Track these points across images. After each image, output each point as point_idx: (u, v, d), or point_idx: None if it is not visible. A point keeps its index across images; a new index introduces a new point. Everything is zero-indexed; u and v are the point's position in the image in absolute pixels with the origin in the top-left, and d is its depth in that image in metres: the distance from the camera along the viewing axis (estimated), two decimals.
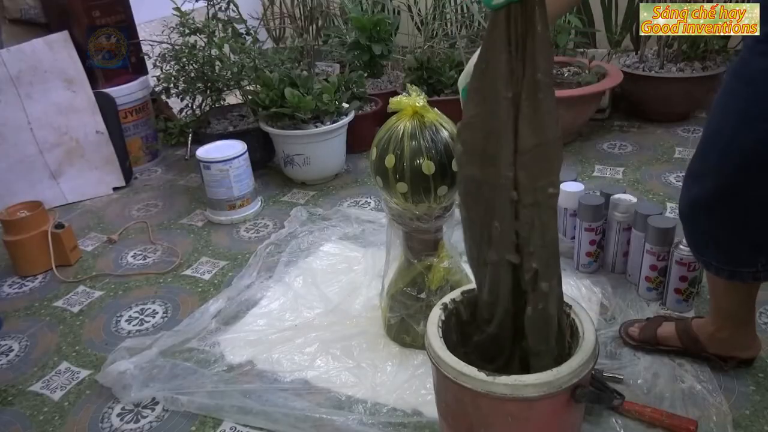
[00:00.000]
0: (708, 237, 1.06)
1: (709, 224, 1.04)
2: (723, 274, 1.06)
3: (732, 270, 1.05)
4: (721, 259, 1.05)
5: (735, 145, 0.94)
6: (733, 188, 0.97)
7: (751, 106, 0.91)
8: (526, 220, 0.82)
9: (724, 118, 0.96)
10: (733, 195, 0.97)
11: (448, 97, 2.50)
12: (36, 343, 1.50)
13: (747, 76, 0.91)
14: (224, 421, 1.20)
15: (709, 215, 1.02)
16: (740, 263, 1.04)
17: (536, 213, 0.82)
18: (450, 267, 1.30)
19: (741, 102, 0.93)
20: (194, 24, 2.26)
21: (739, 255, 1.03)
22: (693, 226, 1.07)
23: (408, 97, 1.17)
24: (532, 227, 0.82)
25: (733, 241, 1.03)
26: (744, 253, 1.03)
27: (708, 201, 1.01)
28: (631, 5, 2.65)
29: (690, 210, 1.05)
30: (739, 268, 1.04)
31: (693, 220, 1.06)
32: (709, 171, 1.00)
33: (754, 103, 0.90)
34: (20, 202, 1.86)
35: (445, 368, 0.86)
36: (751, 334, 1.20)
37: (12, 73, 2.17)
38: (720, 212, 1.00)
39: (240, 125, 2.37)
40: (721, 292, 1.14)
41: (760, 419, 1.11)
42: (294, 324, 1.48)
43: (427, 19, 2.82)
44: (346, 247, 1.80)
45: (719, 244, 1.05)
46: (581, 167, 2.22)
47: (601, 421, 1.12)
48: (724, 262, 1.05)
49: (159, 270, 1.78)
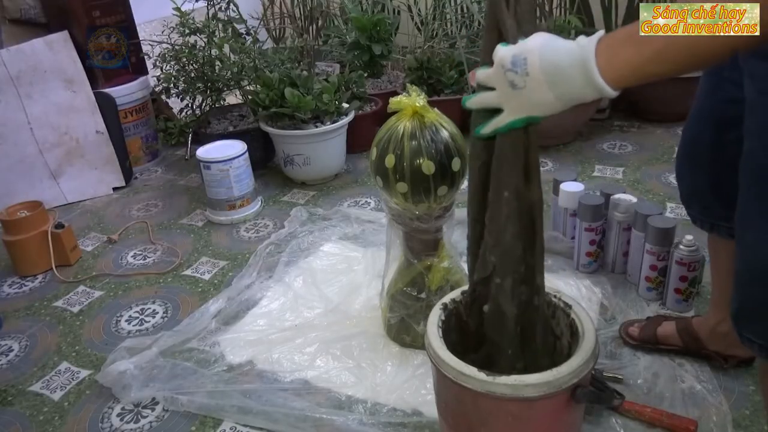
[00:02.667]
0: (691, 190, 1.11)
1: (689, 176, 1.10)
2: (705, 226, 1.10)
3: (711, 223, 1.09)
4: (703, 211, 1.10)
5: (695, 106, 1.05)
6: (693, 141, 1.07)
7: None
8: (491, 214, 0.83)
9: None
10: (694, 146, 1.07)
11: (448, 97, 2.50)
12: (36, 343, 1.50)
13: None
14: (224, 421, 1.20)
15: (683, 164, 1.10)
16: (717, 216, 1.07)
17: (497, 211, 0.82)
18: (450, 267, 1.30)
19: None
20: (194, 24, 2.26)
21: (714, 208, 1.07)
22: (679, 181, 1.14)
23: (408, 97, 1.17)
24: (491, 221, 0.82)
25: (706, 193, 1.07)
26: (717, 207, 1.06)
27: (680, 150, 1.10)
28: (631, 5, 2.65)
29: (677, 165, 1.13)
30: (718, 221, 1.07)
31: (678, 174, 1.13)
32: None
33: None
34: (20, 202, 1.86)
35: (445, 368, 0.86)
36: None
37: (12, 73, 2.17)
38: (689, 161, 1.08)
39: (240, 125, 2.37)
40: (725, 279, 1.13)
41: (760, 419, 1.11)
42: (294, 324, 1.48)
43: (427, 19, 2.82)
44: (346, 247, 1.80)
45: (700, 196, 1.09)
46: (581, 167, 2.22)
47: (601, 421, 1.12)
48: (705, 214, 1.09)
49: (159, 270, 1.78)
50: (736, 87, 0.90)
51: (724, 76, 0.96)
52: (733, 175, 0.85)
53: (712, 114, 1.00)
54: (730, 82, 0.94)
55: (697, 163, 1.06)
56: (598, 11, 2.77)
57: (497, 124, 0.72)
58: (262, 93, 2.17)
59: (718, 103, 0.98)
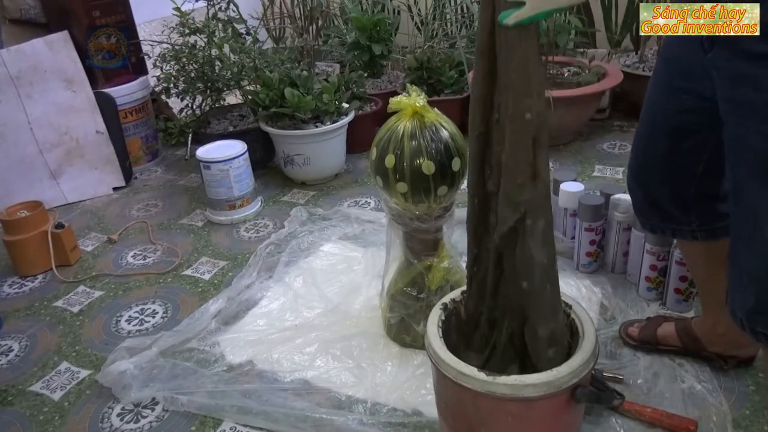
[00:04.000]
0: (648, 201, 1.11)
1: (645, 186, 1.10)
2: (667, 232, 1.11)
3: (673, 228, 1.10)
4: (663, 220, 1.11)
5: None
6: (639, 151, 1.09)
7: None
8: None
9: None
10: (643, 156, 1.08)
11: (448, 97, 2.51)
12: (36, 343, 1.50)
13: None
14: (224, 421, 1.20)
15: (638, 176, 1.11)
16: (677, 221, 1.08)
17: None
18: (450, 267, 1.30)
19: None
20: (194, 24, 2.26)
21: (674, 214, 1.08)
22: (632, 192, 1.14)
23: (408, 97, 1.17)
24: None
25: (665, 202, 1.08)
26: (676, 212, 1.08)
27: (632, 162, 1.12)
28: (631, 5, 2.65)
29: (628, 178, 1.14)
30: (679, 226, 1.09)
31: (631, 186, 1.14)
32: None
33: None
34: (20, 202, 1.86)
35: (445, 368, 0.86)
36: None
37: (12, 73, 2.17)
38: (645, 172, 1.09)
39: (240, 125, 2.37)
40: (705, 279, 1.17)
41: (760, 419, 1.11)
42: (294, 324, 1.48)
43: (427, 19, 2.82)
44: (346, 247, 1.80)
45: (658, 206, 1.10)
46: (581, 167, 2.22)
47: (601, 421, 1.12)
48: (666, 221, 1.10)
49: (159, 270, 1.78)
50: (690, 96, 0.93)
51: (675, 86, 0.97)
52: (689, 180, 0.95)
53: (668, 124, 1.01)
54: (683, 91, 0.95)
55: (653, 174, 1.07)
56: (598, 11, 2.77)
57: (519, 16, 0.77)
58: (262, 93, 2.17)
59: (674, 114, 0.99)
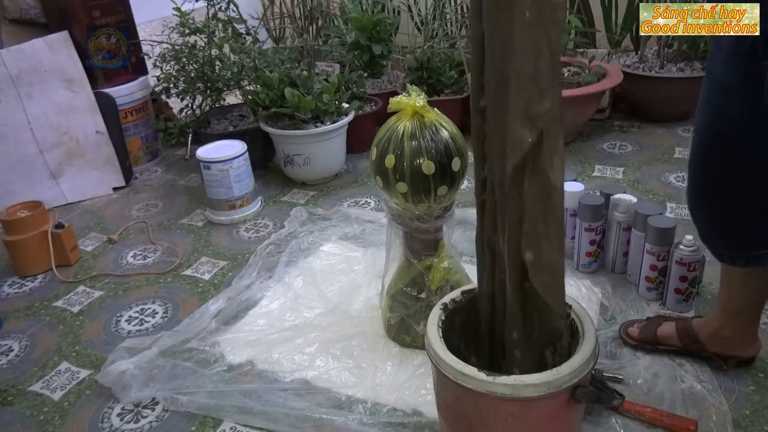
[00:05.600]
0: (714, 225, 1.05)
1: (710, 211, 1.03)
2: (739, 262, 1.05)
3: (748, 256, 1.02)
4: (733, 246, 1.04)
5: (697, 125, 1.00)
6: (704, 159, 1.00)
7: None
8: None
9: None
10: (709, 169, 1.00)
11: (448, 97, 2.51)
12: (36, 343, 1.50)
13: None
14: (224, 421, 1.20)
15: (708, 202, 1.03)
16: (755, 246, 1.00)
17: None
18: (450, 267, 1.30)
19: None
20: (194, 24, 2.26)
21: (750, 238, 1.00)
22: (697, 215, 1.06)
23: (408, 97, 1.17)
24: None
25: (735, 225, 1.01)
26: (755, 234, 1.00)
27: (695, 181, 1.02)
28: (631, 5, 2.65)
29: (690, 200, 1.06)
30: (755, 251, 1.01)
31: (695, 210, 1.06)
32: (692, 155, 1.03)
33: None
34: (20, 202, 1.86)
35: (445, 368, 0.86)
36: (753, 333, 1.20)
37: (12, 73, 2.17)
38: (712, 195, 1.01)
39: (240, 125, 2.37)
40: (738, 287, 1.12)
41: (760, 419, 1.11)
42: (294, 324, 1.48)
43: (427, 19, 2.82)
44: (346, 247, 1.80)
45: (726, 230, 1.03)
46: (581, 167, 2.23)
47: (601, 421, 1.12)
48: (736, 248, 1.03)
49: (159, 270, 1.78)
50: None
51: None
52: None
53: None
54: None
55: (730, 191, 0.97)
56: (598, 11, 2.77)
57: None
58: (262, 93, 2.17)
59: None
